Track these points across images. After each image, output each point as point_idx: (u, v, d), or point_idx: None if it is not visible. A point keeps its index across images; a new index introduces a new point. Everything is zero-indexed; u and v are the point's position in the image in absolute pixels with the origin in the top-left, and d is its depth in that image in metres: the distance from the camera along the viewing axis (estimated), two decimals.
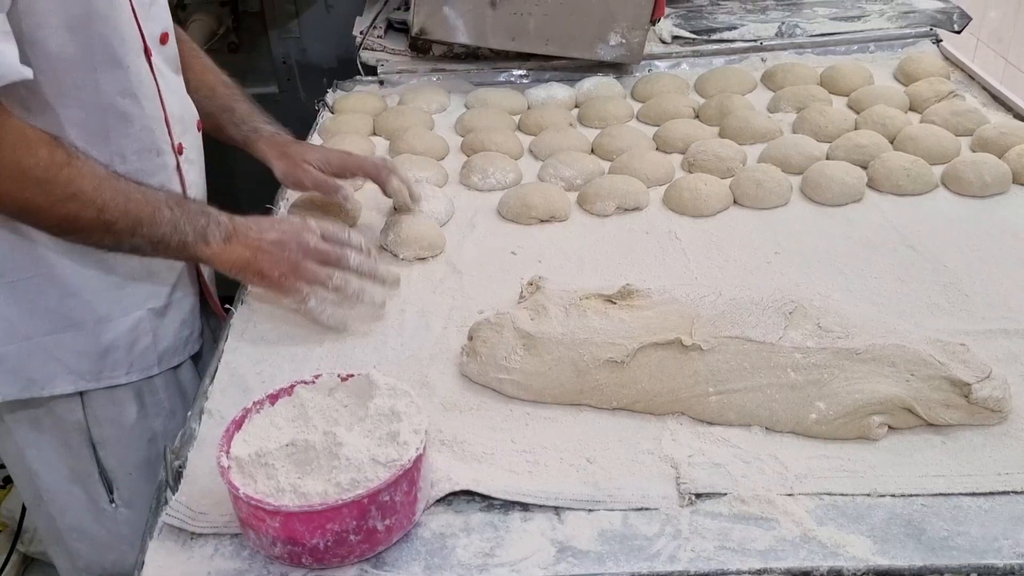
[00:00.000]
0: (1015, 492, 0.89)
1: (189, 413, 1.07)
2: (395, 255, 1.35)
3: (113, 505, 1.29)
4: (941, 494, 0.89)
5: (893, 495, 0.89)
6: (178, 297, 1.29)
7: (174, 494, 0.94)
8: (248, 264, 1.12)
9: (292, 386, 0.95)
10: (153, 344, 1.26)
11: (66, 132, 1.07)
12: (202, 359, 1.38)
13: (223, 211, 1.13)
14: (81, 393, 1.22)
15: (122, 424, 1.26)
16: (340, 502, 0.82)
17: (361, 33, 2.07)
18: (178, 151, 1.25)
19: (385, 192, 1.36)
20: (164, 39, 1.20)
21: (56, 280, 1.15)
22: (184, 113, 1.27)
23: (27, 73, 0.97)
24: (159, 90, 1.19)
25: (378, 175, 1.35)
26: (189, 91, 1.30)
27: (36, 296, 1.14)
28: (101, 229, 1.04)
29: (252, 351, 1.17)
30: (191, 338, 1.33)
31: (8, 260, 1.12)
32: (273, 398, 0.94)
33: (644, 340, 1.02)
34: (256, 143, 1.37)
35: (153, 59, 1.17)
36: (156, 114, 1.19)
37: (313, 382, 0.95)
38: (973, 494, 0.89)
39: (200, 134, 1.33)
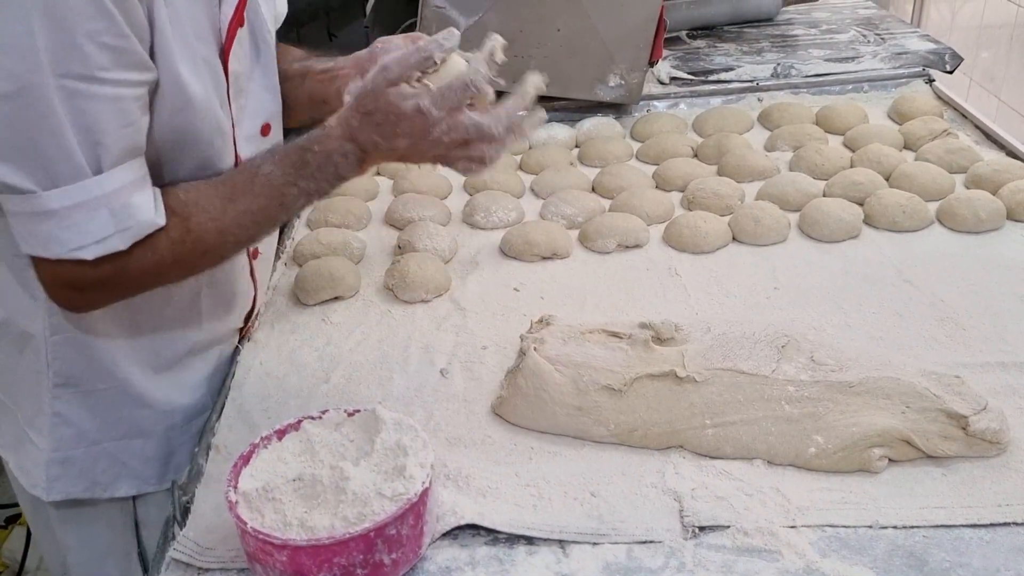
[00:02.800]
0: (1016, 523, 0.90)
1: (196, 449, 1.08)
2: (399, 298, 1.36)
3: None
4: (942, 525, 0.90)
5: (895, 527, 0.90)
6: None
7: (181, 529, 0.95)
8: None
9: (299, 421, 0.96)
10: None
11: None
12: None
13: (341, 131, 1.00)
14: None
15: (168, 507, 1.23)
16: (347, 536, 0.82)
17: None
18: (252, 256, 1.24)
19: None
20: (265, 131, 1.16)
21: (130, 391, 1.13)
22: None
23: (161, 222, 0.96)
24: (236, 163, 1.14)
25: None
26: (293, 95, 1.23)
27: (109, 406, 1.12)
28: (246, 243, 1.08)
29: (259, 387, 1.19)
30: None
31: (85, 370, 1.10)
32: (280, 433, 0.95)
33: (640, 371, 1.03)
34: (334, 69, 1.25)
35: (239, 151, 1.12)
36: None
37: (320, 417, 0.97)
38: (974, 525, 0.90)
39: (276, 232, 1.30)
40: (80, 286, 0.97)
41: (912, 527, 0.90)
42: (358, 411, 0.97)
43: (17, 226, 0.93)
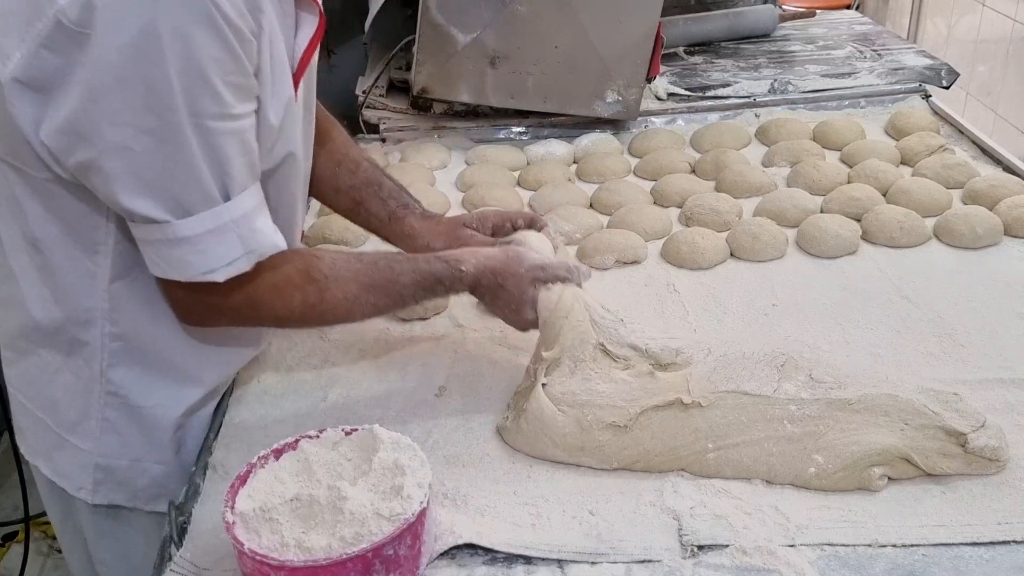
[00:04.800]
0: (1016, 541, 0.90)
1: (193, 468, 1.08)
2: (398, 316, 1.36)
3: None
4: (942, 544, 0.90)
5: (894, 545, 0.90)
6: None
7: (178, 550, 0.95)
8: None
9: (296, 441, 0.96)
10: None
11: None
12: None
13: (472, 280, 1.13)
14: None
15: None
16: (344, 556, 0.82)
17: (364, 92, 2.12)
18: None
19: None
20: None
21: (177, 411, 1.14)
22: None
23: (282, 245, 1.02)
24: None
25: (532, 221, 1.30)
26: (330, 163, 1.31)
27: (156, 425, 1.13)
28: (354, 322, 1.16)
29: (256, 406, 1.18)
30: None
31: (136, 384, 1.11)
32: (278, 453, 0.95)
33: (645, 403, 1.03)
34: (405, 218, 1.32)
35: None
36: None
37: (317, 436, 0.96)
38: (974, 544, 0.90)
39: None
40: (213, 308, 1.02)
41: (912, 545, 0.90)
42: (356, 430, 0.96)
43: (149, 251, 0.97)
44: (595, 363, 1.09)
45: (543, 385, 1.07)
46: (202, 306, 1.03)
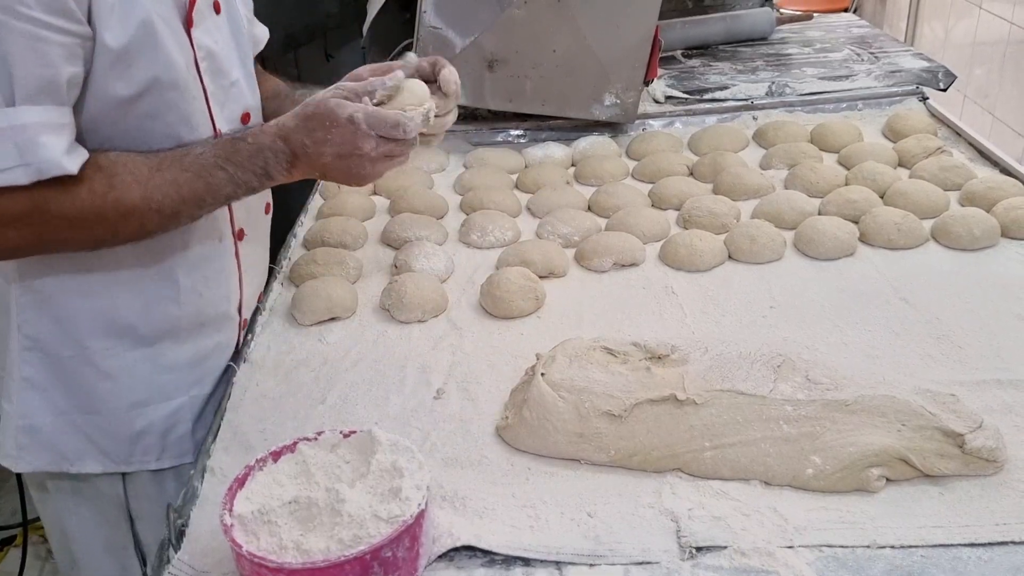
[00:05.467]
0: (1014, 542, 0.90)
1: (192, 471, 1.08)
2: (396, 318, 1.36)
3: None
4: (940, 545, 0.90)
5: (892, 546, 0.90)
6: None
7: (176, 552, 0.95)
8: (318, 179, 1.13)
9: (295, 443, 0.96)
10: (191, 432, 1.23)
11: None
12: None
13: (277, 129, 1.07)
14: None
15: (161, 501, 1.23)
16: (342, 558, 0.82)
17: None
18: (238, 236, 1.25)
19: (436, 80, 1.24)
20: (245, 119, 1.18)
21: (94, 362, 1.14)
22: (252, 200, 1.20)
23: (71, 168, 0.97)
24: (216, 134, 1.15)
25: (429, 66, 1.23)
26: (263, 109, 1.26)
27: (73, 374, 1.13)
28: (168, 221, 1.06)
29: (254, 408, 1.18)
30: None
31: (51, 334, 1.11)
32: (276, 455, 0.95)
33: (640, 396, 1.03)
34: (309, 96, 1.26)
35: (217, 124, 1.15)
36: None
37: (315, 439, 0.96)
38: (972, 545, 0.90)
39: (269, 216, 1.32)
40: None
41: (910, 547, 0.90)
42: (354, 432, 0.96)
43: None
44: (592, 354, 1.10)
45: (542, 375, 1.08)
46: None
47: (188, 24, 1.08)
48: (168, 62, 1.04)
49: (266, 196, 1.31)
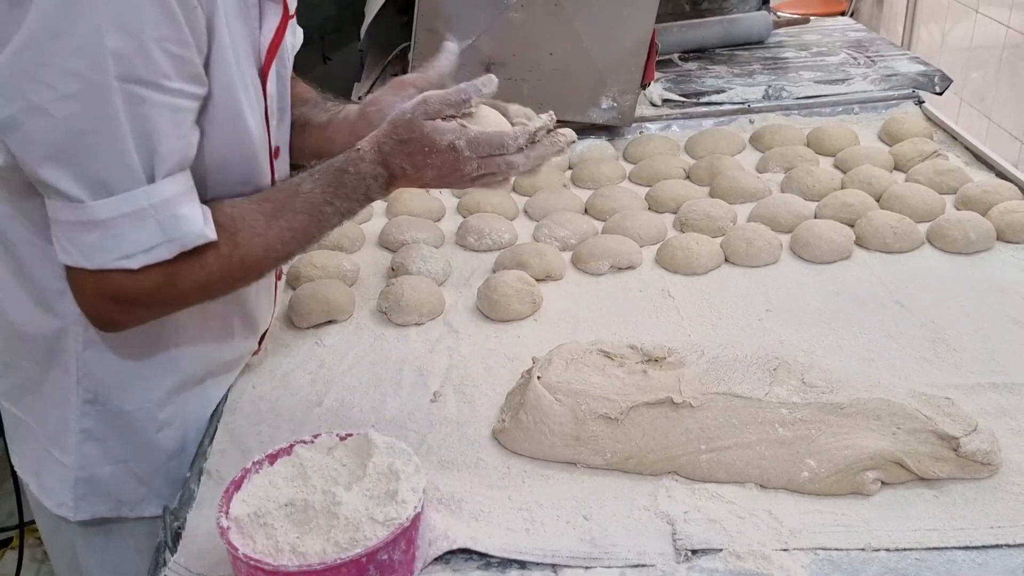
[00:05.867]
0: (1008, 545, 0.90)
1: (188, 474, 1.08)
2: (393, 321, 1.36)
3: None
4: (935, 548, 0.90)
5: (887, 549, 0.90)
6: None
7: (173, 555, 0.95)
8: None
9: (291, 446, 0.96)
10: None
11: None
12: None
13: (375, 155, 1.04)
14: None
15: None
16: (338, 561, 0.82)
17: (359, 98, 2.12)
18: (277, 276, 1.24)
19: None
20: (276, 153, 1.16)
21: (154, 414, 1.13)
22: None
23: (211, 236, 0.95)
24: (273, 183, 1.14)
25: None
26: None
27: (133, 426, 1.12)
28: (284, 261, 1.08)
29: (251, 411, 1.18)
30: None
31: (114, 389, 1.10)
32: (272, 458, 0.95)
33: (636, 399, 1.03)
34: (340, 111, 1.27)
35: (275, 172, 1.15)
36: None
37: (312, 441, 0.96)
38: (966, 547, 0.90)
39: None
40: (125, 299, 0.95)
41: (904, 549, 0.90)
42: (350, 435, 0.97)
43: (60, 235, 0.92)
44: (588, 357, 1.10)
45: (538, 378, 1.08)
46: (114, 296, 0.94)
47: (263, 77, 1.05)
48: (252, 116, 1.02)
49: None
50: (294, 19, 1.17)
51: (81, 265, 0.92)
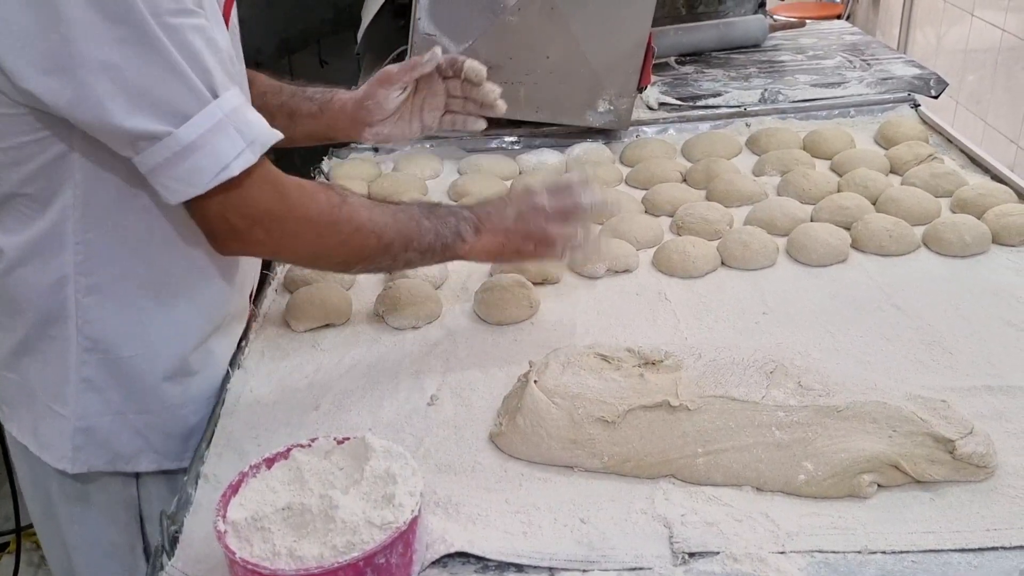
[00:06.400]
0: (1004, 548, 0.90)
1: (185, 478, 1.08)
2: (391, 325, 1.37)
3: None
4: (931, 550, 0.90)
5: (884, 552, 0.90)
6: None
7: (170, 559, 0.95)
8: (503, 248, 1.19)
9: (288, 450, 0.96)
10: None
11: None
12: None
13: (460, 206, 1.20)
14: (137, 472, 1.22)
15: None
16: (336, 565, 0.82)
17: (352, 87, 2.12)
18: None
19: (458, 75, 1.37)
20: None
21: (157, 361, 1.15)
22: None
23: (279, 135, 1.03)
24: None
25: (454, 62, 1.35)
26: (257, 96, 1.30)
27: (133, 374, 1.14)
28: (381, 252, 1.13)
29: (248, 415, 1.18)
30: None
31: (114, 334, 1.12)
32: (269, 462, 0.95)
33: (633, 402, 1.04)
34: (332, 98, 1.38)
35: None
36: None
37: (309, 445, 0.96)
38: (963, 550, 0.90)
39: None
40: (246, 215, 1.03)
41: (901, 552, 0.90)
42: (348, 439, 0.97)
43: (162, 178, 0.98)
44: (585, 360, 1.10)
45: (535, 382, 1.08)
46: (237, 215, 1.02)
47: (226, 14, 1.10)
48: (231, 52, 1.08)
49: None
50: None
51: (192, 194, 0.98)
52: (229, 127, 0.97)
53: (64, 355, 1.12)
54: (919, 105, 2.03)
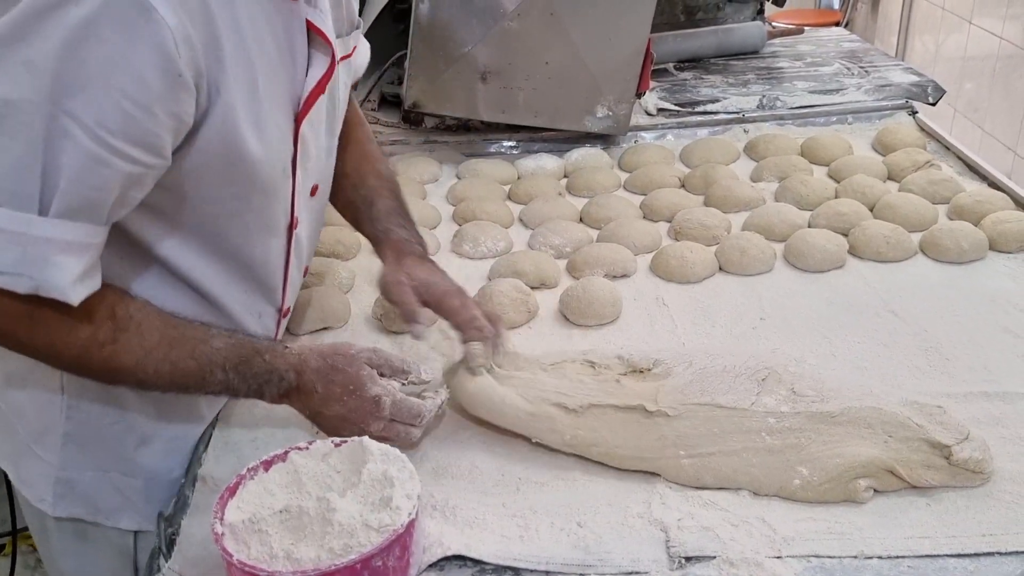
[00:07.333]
0: (1000, 553, 0.90)
1: (183, 480, 1.08)
2: (387, 328, 1.37)
3: None
4: (927, 555, 0.90)
5: (880, 557, 0.90)
6: None
7: (167, 562, 0.95)
8: (304, 418, 1.08)
9: (286, 452, 0.96)
10: None
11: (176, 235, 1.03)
12: None
13: (297, 361, 1.03)
14: None
15: None
16: (333, 567, 0.82)
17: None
18: (283, 314, 1.22)
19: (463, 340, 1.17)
20: (313, 191, 1.15)
21: (136, 432, 1.13)
22: (314, 230, 1.20)
23: (73, 299, 0.89)
24: (292, 223, 1.13)
25: (467, 330, 1.15)
26: (338, 172, 1.24)
27: (116, 442, 1.12)
28: (145, 388, 1.01)
29: (246, 417, 1.18)
30: None
31: (96, 407, 1.10)
32: (267, 464, 0.95)
33: (599, 400, 1.05)
34: (383, 244, 1.26)
35: (296, 211, 1.13)
36: (282, 234, 1.13)
37: (307, 448, 0.97)
38: (958, 555, 0.90)
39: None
40: None
41: (897, 557, 0.90)
42: (345, 441, 0.97)
43: None
44: (567, 366, 1.12)
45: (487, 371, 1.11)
46: None
47: (298, 123, 1.04)
48: (267, 164, 1.01)
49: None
50: (352, 57, 1.19)
51: None
52: (16, 245, 0.85)
53: (49, 406, 1.10)
54: (917, 112, 2.03)
